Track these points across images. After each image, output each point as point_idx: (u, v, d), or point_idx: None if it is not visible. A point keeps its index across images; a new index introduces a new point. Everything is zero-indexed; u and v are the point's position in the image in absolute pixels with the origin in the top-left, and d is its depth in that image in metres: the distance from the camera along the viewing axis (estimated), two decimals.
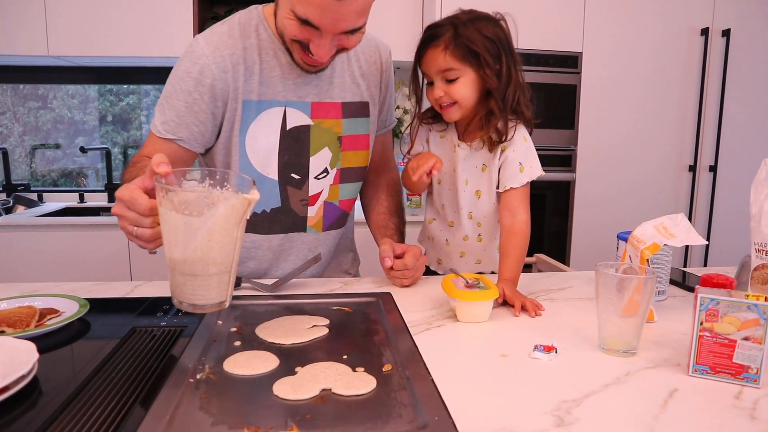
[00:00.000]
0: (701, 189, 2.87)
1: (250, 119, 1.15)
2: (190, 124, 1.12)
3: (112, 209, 0.83)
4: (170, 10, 2.67)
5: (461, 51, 1.12)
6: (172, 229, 0.75)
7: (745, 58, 2.78)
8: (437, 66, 1.15)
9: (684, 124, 2.83)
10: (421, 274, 1.22)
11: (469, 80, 1.15)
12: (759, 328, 0.73)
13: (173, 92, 1.12)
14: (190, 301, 0.78)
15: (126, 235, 0.84)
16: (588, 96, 2.71)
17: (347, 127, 1.25)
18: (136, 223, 0.81)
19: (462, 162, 1.25)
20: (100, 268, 2.54)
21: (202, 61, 1.10)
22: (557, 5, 2.63)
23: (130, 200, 0.79)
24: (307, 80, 1.18)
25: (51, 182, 3.29)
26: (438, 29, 1.14)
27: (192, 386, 0.72)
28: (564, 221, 2.80)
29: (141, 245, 0.84)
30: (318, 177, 1.23)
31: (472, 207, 1.28)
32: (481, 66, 1.13)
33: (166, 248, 0.77)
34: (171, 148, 1.12)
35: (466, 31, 1.12)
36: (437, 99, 1.18)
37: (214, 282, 0.78)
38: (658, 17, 2.71)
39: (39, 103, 3.24)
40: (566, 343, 0.89)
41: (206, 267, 0.76)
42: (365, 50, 1.28)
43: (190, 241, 0.74)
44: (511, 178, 1.21)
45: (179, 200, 0.73)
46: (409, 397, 0.70)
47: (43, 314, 0.94)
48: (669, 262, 1.13)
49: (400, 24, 2.77)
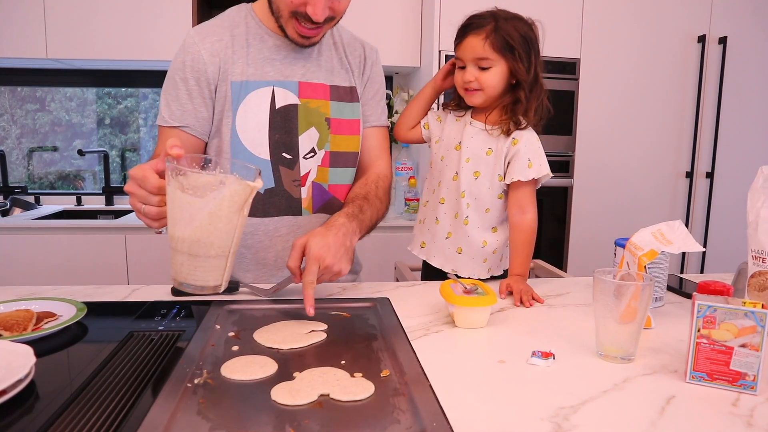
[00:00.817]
0: (698, 195, 2.88)
1: (240, 100, 1.19)
2: (194, 111, 1.18)
3: (124, 187, 0.89)
4: (169, 13, 2.68)
5: (500, 43, 1.20)
6: (177, 208, 0.79)
7: (742, 66, 2.80)
8: (475, 53, 1.22)
9: (681, 131, 2.84)
10: (335, 273, 1.04)
11: (499, 71, 1.23)
12: (756, 336, 0.74)
13: (173, 84, 1.19)
14: (188, 281, 0.82)
15: (135, 213, 0.89)
16: (586, 102, 2.72)
17: (336, 110, 1.27)
18: (144, 200, 0.86)
19: (468, 140, 1.29)
20: (98, 271, 2.53)
21: (193, 49, 1.17)
22: (555, 12, 2.64)
23: (141, 178, 0.84)
24: (294, 61, 1.23)
25: (48, 185, 3.28)
26: (481, 20, 1.23)
27: (190, 391, 0.72)
28: (562, 227, 2.80)
29: (147, 223, 0.88)
30: (306, 157, 1.25)
31: (466, 186, 1.29)
32: (515, 59, 1.22)
33: (170, 227, 0.81)
34: (179, 137, 1.16)
35: (506, 25, 1.21)
36: (467, 82, 1.25)
37: (212, 264, 0.81)
38: (655, 24, 2.72)
39: (37, 105, 3.24)
40: (564, 350, 0.89)
41: (206, 249, 0.80)
42: (351, 43, 1.33)
43: (192, 221, 0.78)
44: (519, 172, 1.26)
45: (187, 182, 0.77)
46: (407, 403, 0.70)
47: (40, 318, 0.93)
48: (666, 269, 1.14)
49: (399, 33, 2.78)
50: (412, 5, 2.77)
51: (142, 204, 0.86)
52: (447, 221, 1.33)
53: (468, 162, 1.29)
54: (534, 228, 1.27)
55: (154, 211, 0.86)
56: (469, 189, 1.29)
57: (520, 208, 1.27)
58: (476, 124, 1.30)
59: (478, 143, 1.29)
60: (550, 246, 2.81)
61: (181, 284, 0.82)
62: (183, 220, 0.78)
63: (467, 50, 1.23)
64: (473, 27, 1.22)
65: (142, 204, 0.86)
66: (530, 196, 1.28)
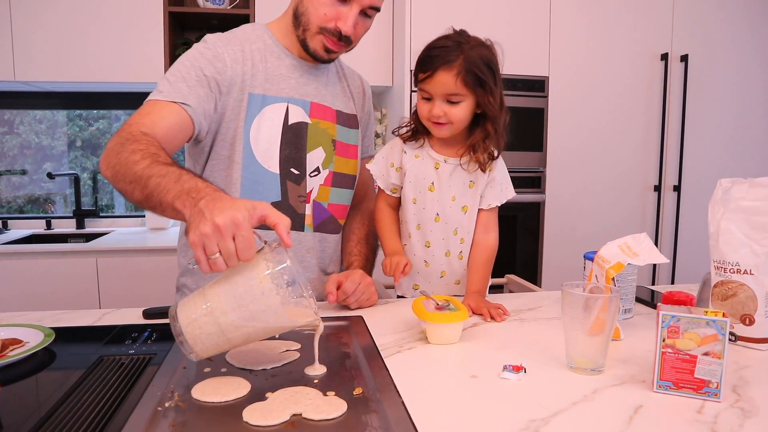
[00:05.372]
0: (666, 208, 2.95)
1: (255, 112, 1.21)
2: (198, 95, 1.14)
3: (219, 220, 0.73)
4: (141, 35, 2.67)
5: (471, 79, 1.16)
6: (256, 298, 0.75)
7: (703, 82, 2.89)
8: (446, 89, 1.17)
9: (648, 145, 2.92)
10: (372, 292, 1.22)
11: (468, 105, 1.20)
12: (718, 344, 0.76)
13: (183, 68, 1.15)
14: (195, 346, 0.77)
15: (196, 246, 0.74)
16: (555, 119, 2.78)
17: (341, 134, 1.33)
18: (227, 256, 0.73)
19: (448, 178, 1.28)
20: (68, 296, 2.48)
21: (216, 48, 1.19)
22: (523, 31, 2.70)
23: (244, 239, 0.73)
24: (307, 81, 1.28)
25: (17, 209, 3.22)
26: (449, 52, 1.16)
27: (160, 415, 0.71)
28: (535, 242, 2.84)
29: (200, 263, 0.75)
30: (311, 174, 1.28)
31: (458, 223, 1.30)
32: (485, 94, 1.18)
33: (229, 302, 0.75)
34: (175, 113, 1.10)
35: (474, 55, 1.16)
36: (436, 117, 1.20)
37: (222, 347, 0.79)
38: (620, 43, 2.81)
39: (5, 128, 3.18)
40: (535, 363, 0.90)
41: (237, 339, 0.78)
42: (351, 75, 1.42)
43: (258, 319, 0.76)
44: (495, 198, 1.30)
45: (285, 290, 0.76)
46: (379, 421, 0.70)
47: (5, 345, 0.91)
48: (634, 281, 1.16)
49: (371, 52, 2.81)
50: (383, 25, 2.81)
51: (217, 252, 0.73)
52: (438, 262, 1.32)
53: (455, 200, 1.29)
54: (495, 248, 1.31)
55: (222, 269, 0.74)
56: (460, 225, 1.30)
57: (485, 228, 1.31)
58: (450, 161, 1.27)
59: (459, 179, 1.28)
60: (524, 261, 2.84)
61: (182, 334, 0.76)
62: (252, 312, 0.75)
63: (437, 86, 1.17)
64: (442, 61, 1.16)
65: (218, 253, 0.73)
66: (495, 218, 1.33)
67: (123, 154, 0.95)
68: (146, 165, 0.92)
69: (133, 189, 0.93)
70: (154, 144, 0.98)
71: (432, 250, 1.31)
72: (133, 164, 0.93)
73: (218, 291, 0.76)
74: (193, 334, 0.76)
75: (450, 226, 1.30)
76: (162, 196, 0.87)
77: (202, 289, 0.79)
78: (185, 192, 0.83)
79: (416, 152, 1.30)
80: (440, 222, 1.29)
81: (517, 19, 2.69)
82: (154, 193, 0.88)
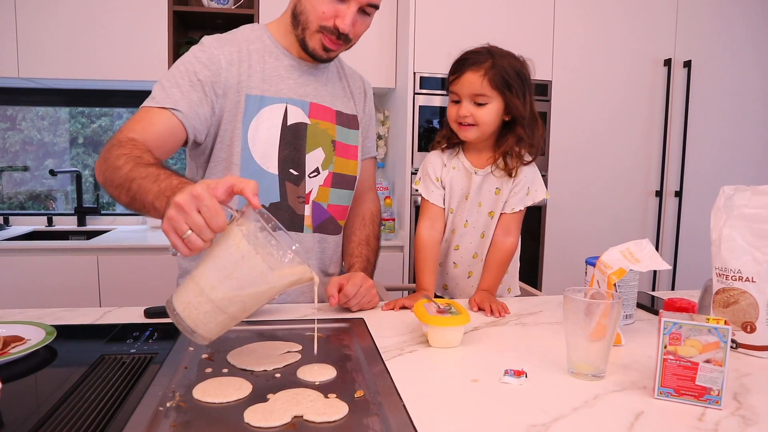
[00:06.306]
0: (668, 214, 2.95)
1: (253, 113, 1.21)
2: (191, 101, 1.15)
3: (177, 198, 0.74)
4: (145, 34, 2.67)
5: (498, 80, 1.21)
6: (241, 265, 0.74)
7: (706, 88, 2.90)
8: (472, 88, 1.23)
9: (650, 151, 2.92)
10: (373, 295, 1.22)
11: (495, 107, 1.24)
12: (719, 351, 0.76)
13: (177, 73, 1.17)
14: (197, 328, 0.77)
15: (167, 231, 0.76)
16: (558, 123, 2.78)
17: (340, 134, 1.33)
18: (197, 230, 0.74)
19: (477, 188, 1.33)
20: (69, 293, 2.48)
21: (211, 51, 1.18)
22: (527, 35, 2.70)
23: (208, 208, 0.73)
24: (306, 82, 1.28)
25: (18, 205, 3.22)
26: (478, 56, 1.23)
27: (161, 415, 0.71)
28: (536, 246, 2.84)
29: (177, 247, 0.76)
30: (310, 175, 1.28)
31: (484, 227, 1.35)
32: (511, 96, 1.23)
33: (215, 275, 0.75)
34: (166, 120, 1.12)
35: (503, 62, 1.22)
36: (462, 117, 1.25)
37: (227, 324, 0.79)
38: (623, 48, 2.81)
39: (7, 124, 3.19)
40: (536, 368, 0.90)
41: (240, 312, 0.77)
42: (352, 75, 1.42)
43: (249, 285, 0.75)
44: (519, 202, 1.32)
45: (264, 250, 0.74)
46: (380, 423, 0.70)
47: (7, 342, 0.91)
48: (636, 287, 1.16)
49: (375, 53, 2.80)
50: (387, 26, 2.81)
51: (188, 229, 0.74)
52: (465, 263, 1.39)
53: (481, 206, 1.34)
54: (513, 251, 1.33)
55: (199, 245, 0.74)
56: (487, 230, 1.35)
57: (505, 231, 1.33)
58: (480, 172, 1.32)
59: (487, 187, 1.33)
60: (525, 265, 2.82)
61: (181, 320, 0.76)
62: (239, 279, 0.74)
63: (465, 86, 1.24)
64: (471, 63, 1.23)
65: (189, 229, 0.74)
66: (518, 221, 1.34)
67: (110, 159, 1.00)
68: (129, 168, 0.95)
69: (119, 193, 0.97)
70: (139, 147, 1.01)
71: (460, 252, 1.38)
72: (118, 169, 0.96)
73: (203, 269, 0.77)
74: (192, 316, 0.76)
75: (477, 230, 1.35)
76: (143, 197, 0.90)
77: (190, 275, 0.79)
78: (161, 191, 0.87)
79: (453, 163, 1.35)
80: (469, 227, 1.35)
81: (521, 23, 2.69)
82: (137, 195, 0.92)
